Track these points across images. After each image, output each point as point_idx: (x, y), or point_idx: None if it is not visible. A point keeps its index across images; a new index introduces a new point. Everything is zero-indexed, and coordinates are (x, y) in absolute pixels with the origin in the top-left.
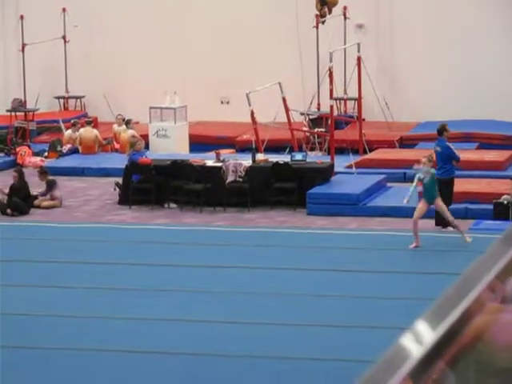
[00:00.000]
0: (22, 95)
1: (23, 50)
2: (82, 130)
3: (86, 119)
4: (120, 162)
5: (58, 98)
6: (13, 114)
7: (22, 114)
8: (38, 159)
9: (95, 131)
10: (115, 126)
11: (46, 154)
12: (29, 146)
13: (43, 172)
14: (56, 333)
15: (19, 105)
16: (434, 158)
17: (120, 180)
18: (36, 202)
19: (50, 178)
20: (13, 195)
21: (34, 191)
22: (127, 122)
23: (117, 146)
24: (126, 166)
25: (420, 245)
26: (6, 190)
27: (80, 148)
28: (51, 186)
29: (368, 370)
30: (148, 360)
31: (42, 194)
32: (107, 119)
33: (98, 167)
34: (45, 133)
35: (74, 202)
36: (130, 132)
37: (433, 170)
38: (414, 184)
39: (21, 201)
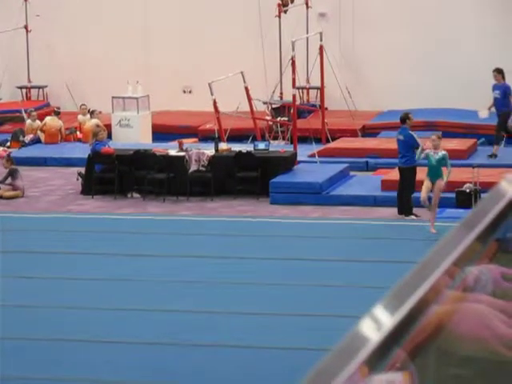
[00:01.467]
0: None
1: None
2: (48, 118)
3: (55, 108)
4: (83, 151)
5: (21, 87)
6: None
7: None
8: (0, 149)
9: (60, 122)
10: (80, 116)
11: (8, 143)
12: None
13: (9, 159)
14: (18, 323)
15: None
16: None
17: (83, 170)
18: None
19: (13, 166)
20: None
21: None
22: (91, 112)
23: (80, 135)
24: (89, 156)
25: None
26: None
27: (43, 136)
28: (13, 174)
29: (324, 358)
30: (113, 348)
31: (1, 181)
32: (70, 109)
33: (61, 157)
34: (7, 123)
35: (37, 192)
36: (94, 121)
37: (443, 152)
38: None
39: None
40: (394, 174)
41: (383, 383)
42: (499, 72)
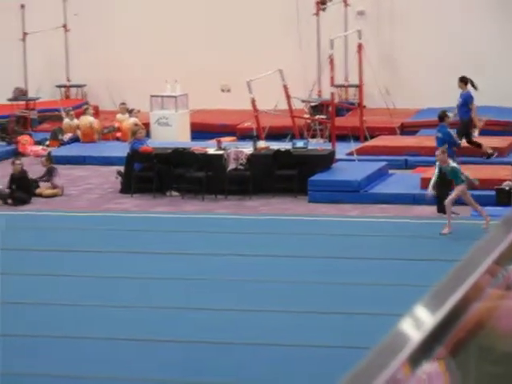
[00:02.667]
0: (24, 84)
1: (24, 39)
2: (81, 118)
3: (84, 107)
4: (122, 150)
5: (60, 86)
6: (14, 103)
7: (24, 103)
8: (39, 148)
9: (91, 119)
10: (118, 115)
11: (47, 142)
12: (30, 135)
13: (48, 158)
14: (56, 322)
15: (20, 94)
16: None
17: (122, 168)
18: (38, 191)
19: (52, 165)
20: (13, 185)
21: (32, 177)
22: (130, 111)
23: (118, 134)
24: (128, 155)
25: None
26: (7, 180)
27: (81, 136)
28: (51, 172)
29: (365, 357)
30: (152, 348)
31: (40, 177)
32: (108, 108)
33: (100, 156)
34: (46, 122)
35: (76, 190)
36: (132, 120)
37: (451, 165)
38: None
39: (21, 190)
40: (433, 172)
41: (423, 377)
42: (461, 80)
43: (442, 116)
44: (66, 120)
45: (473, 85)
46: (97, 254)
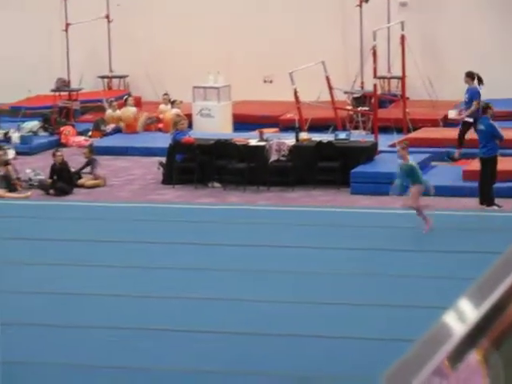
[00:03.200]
0: (66, 75)
1: (67, 30)
2: (124, 108)
3: (125, 98)
4: (164, 141)
5: (102, 77)
6: (57, 93)
7: (66, 93)
8: (81, 139)
9: (133, 110)
10: (161, 106)
11: (89, 133)
12: (73, 126)
13: (90, 149)
14: (98, 312)
15: (63, 84)
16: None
17: (164, 159)
18: (80, 182)
19: (93, 156)
20: (55, 175)
21: (73, 168)
22: (172, 102)
23: (160, 125)
24: (170, 146)
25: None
26: (48, 171)
27: (123, 127)
28: (92, 163)
29: (410, 349)
30: (197, 339)
31: (81, 168)
32: (151, 99)
33: (142, 146)
34: (88, 112)
35: (118, 181)
36: (175, 111)
37: (410, 163)
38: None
39: (63, 181)
40: (476, 164)
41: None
42: (468, 75)
43: (485, 108)
44: (109, 111)
45: (480, 80)
46: (139, 244)
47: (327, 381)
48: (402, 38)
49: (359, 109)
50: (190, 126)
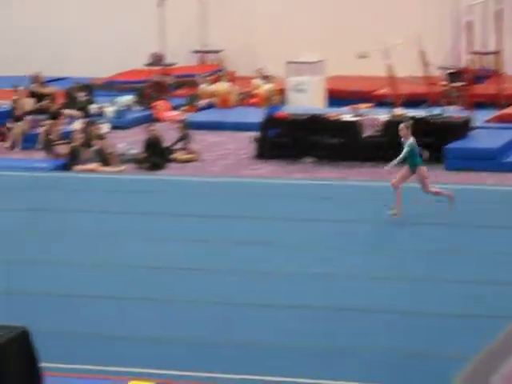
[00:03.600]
0: (160, 50)
1: (161, 5)
2: (218, 83)
3: (220, 73)
4: (257, 116)
5: (196, 52)
6: (151, 68)
7: (160, 68)
8: (175, 113)
9: (227, 85)
10: (255, 81)
11: (183, 107)
12: (166, 100)
13: (183, 124)
14: (190, 286)
15: (157, 59)
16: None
17: (257, 134)
18: (173, 156)
19: (186, 131)
20: (148, 149)
21: (167, 143)
22: (266, 77)
23: (254, 100)
24: (263, 120)
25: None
26: (141, 145)
27: (216, 102)
28: (185, 138)
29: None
30: (280, 314)
31: (174, 143)
32: (245, 74)
33: (235, 121)
34: (182, 87)
35: (211, 156)
36: (268, 86)
37: (411, 142)
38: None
39: (156, 155)
40: None
41: None
42: None
43: None
44: (202, 86)
45: None
46: (231, 219)
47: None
48: (498, 12)
49: (454, 84)
50: (284, 101)
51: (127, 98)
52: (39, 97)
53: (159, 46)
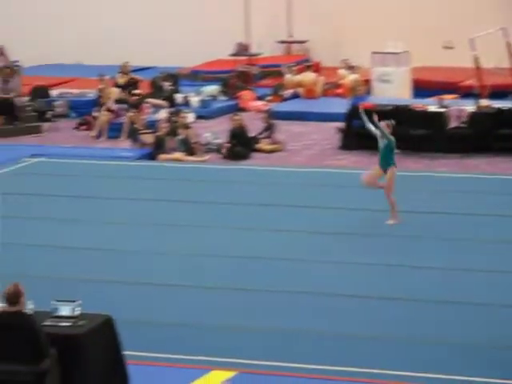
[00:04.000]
0: (246, 39)
1: None
2: (303, 73)
3: (306, 64)
4: (342, 106)
5: (282, 42)
6: (236, 58)
7: (245, 58)
8: (260, 103)
9: (312, 74)
10: (340, 71)
11: (268, 98)
12: (251, 90)
13: (269, 114)
14: (278, 276)
15: (242, 49)
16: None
17: (342, 125)
18: (258, 146)
19: (271, 121)
20: (233, 139)
21: (252, 133)
22: (352, 67)
23: (339, 90)
24: (348, 111)
25: None
26: (226, 134)
27: (302, 92)
28: (270, 128)
29: None
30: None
31: (259, 133)
32: (330, 64)
33: (320, 112)
34: (267, 77)
35: (296, 146)
36: (354, 77)
37: (390, 138)
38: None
39: (241, 145)
40: None
41: None
42: None
43: None
44: (288, 76)
45: None
46: (315, 209)
47: None
48: None
49: None
50: (369, 91)
51: (212, 88)
52: (125, 86)
53: (245, 35)
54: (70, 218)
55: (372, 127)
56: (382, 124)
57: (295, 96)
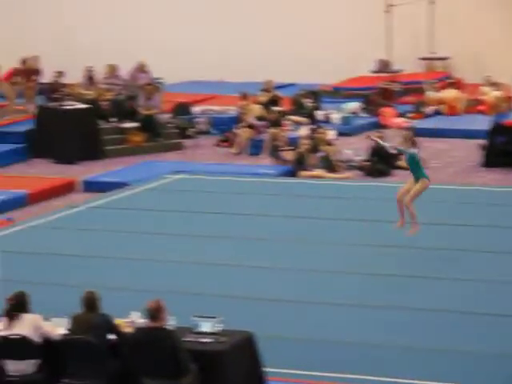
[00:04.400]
0: (387, 56)
1: (389, 11)
2: (445, 90)
3: (448, 80)
4: (484, 123)
5: (423, 58)
6: (378, 75)
7: (387, 75)
8: (401, 120)
9: (457, 92)
10: (483, 88)
11: (410, 114)
12: (393, 107)
13: (413, 132)
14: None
15: (384, 66)
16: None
17: (484, 142)
18: (399, 163)
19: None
20: (374, 156)
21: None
22: (495, 84)
23: (481, 107)
24: (491, 128)
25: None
26: (367, 152)
27: (443, 109)
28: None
29: None
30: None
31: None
32: (472, 80)
33: (462, 129)
34: (409, 94)
35: (438, 163)
36: (496, 93)
37: (410, 151)
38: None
39: (382, 162)
40: None
41: None
42: None
43: None
44: (429, 92)
45: None
46: (456, 227)
47: None
48: None
49: None
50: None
51: (354, 105)
52: (266, 103)
53: (386, 52)
54: (211, 235)
55: (389, 148)
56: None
57: (437, 113)
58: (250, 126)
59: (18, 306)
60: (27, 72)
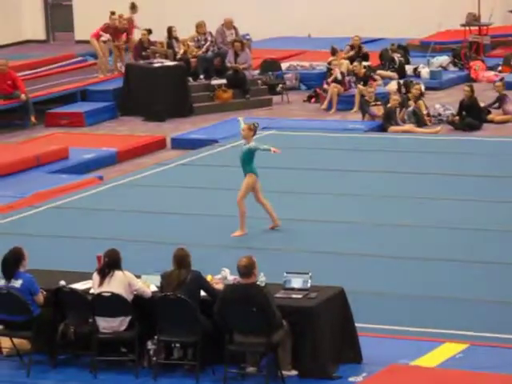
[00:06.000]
0: (476, 9)
1: None
2: None
3: None
4: None
5: None
6: (467, 28)
7: (476, 28)
8: (491, 74)
9: None
10: None
11: (499, 68)
12: (482, 61)
13: (501, 84)
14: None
15: (473, 19)
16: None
17: None
18: (489, 117)
19: (503, 92)
20: (464, 110)
21: (483, 103)
22: None
23: None
24: None
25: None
26: (457, 106)
27: None
28: (501, 99)
29: None
30: None
31: (490, 104)
32: None
33: None
34: (498, 47)
35: None
36: None
37: (252, 144)
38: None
39: (472, 116)
40: None
41: None
42: None
43: None
44: None
45: None
46: None
47: None
48: None
49: None
50: None
51: (443, 59)
52: (355, 58)
53: (476, 5)
54: (301, 191)
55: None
56: (244, 127)
57: None
58: (339, 82)
59: (110, 264)
60: (116, 30)
